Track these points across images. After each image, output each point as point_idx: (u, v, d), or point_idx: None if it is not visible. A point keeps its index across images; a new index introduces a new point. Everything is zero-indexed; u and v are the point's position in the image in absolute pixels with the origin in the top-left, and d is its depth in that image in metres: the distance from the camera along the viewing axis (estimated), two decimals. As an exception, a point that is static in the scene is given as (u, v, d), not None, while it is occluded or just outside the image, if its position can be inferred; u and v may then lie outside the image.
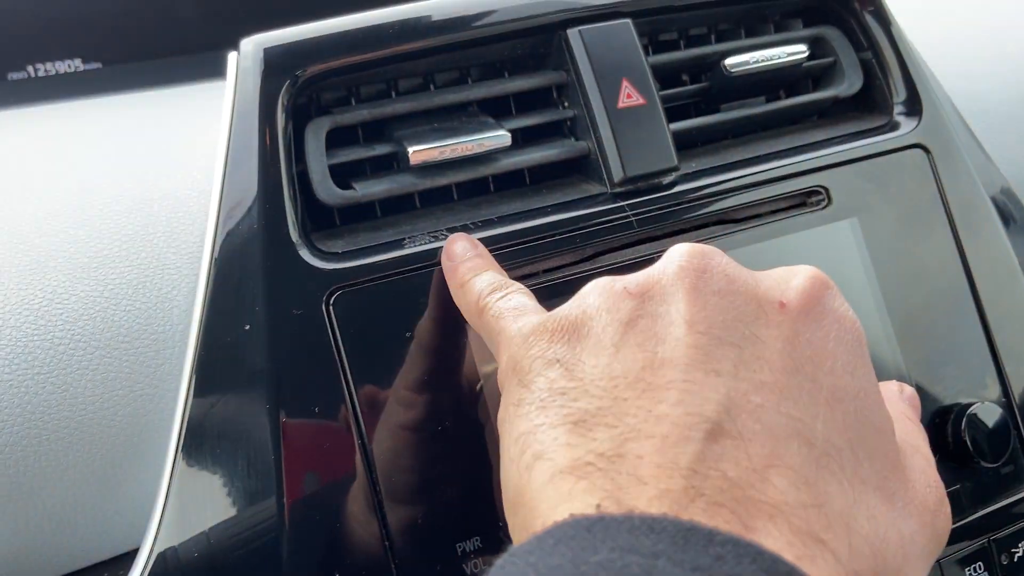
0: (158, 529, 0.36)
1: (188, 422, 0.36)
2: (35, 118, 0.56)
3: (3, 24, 0.67)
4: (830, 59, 0.49)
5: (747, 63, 0.46)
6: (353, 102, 0.43)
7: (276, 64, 0.39)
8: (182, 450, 0.36)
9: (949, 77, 0.53)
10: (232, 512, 0.36)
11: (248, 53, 0.39)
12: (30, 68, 0.68)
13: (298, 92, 0.40)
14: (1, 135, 0.52)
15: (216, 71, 0.62)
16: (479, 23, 0.43)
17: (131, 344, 0.38)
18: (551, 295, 0.41)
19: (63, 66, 0.68)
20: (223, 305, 0.37)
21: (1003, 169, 0.52)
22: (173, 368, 0.37)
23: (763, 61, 0.46)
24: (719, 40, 0.50)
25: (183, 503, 0.36)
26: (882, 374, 0.45)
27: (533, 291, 0.37)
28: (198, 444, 0.36)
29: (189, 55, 0.70)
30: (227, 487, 0.36)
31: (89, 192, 0.43)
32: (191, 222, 0.41)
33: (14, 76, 0.67)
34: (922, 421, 0.44)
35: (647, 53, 0.45)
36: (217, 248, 0.38)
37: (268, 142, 0.38)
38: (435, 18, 0.42)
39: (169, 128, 0.51)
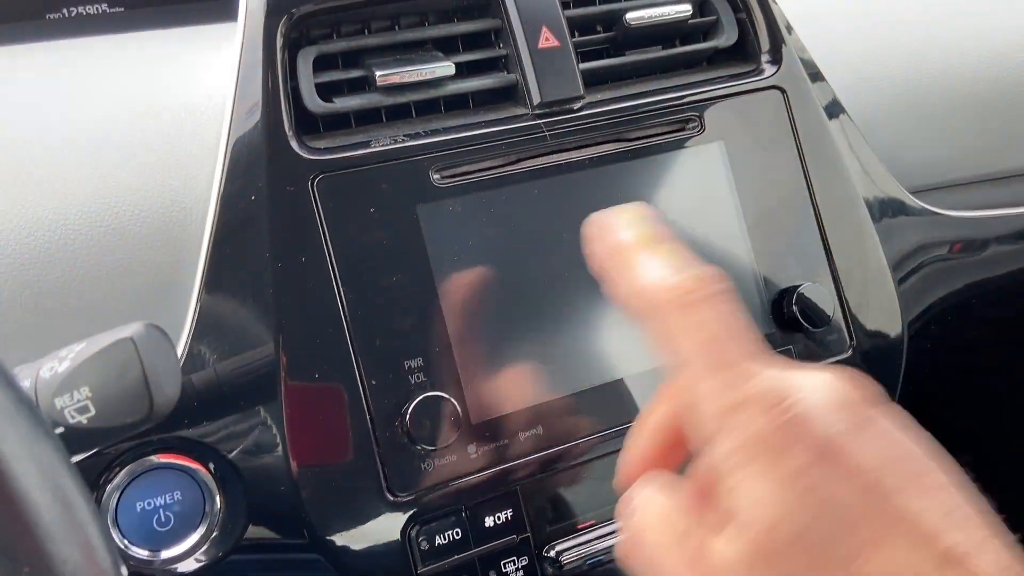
0: (186, 348, 0.50)
1: (208, 267, 0.50)
2: (73, 50, 0.69)
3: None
4: (712, 17, 0.63)
5: (643, 18, 0.59)
6: (335, 37, 0.56)
7: (276, 5, 0.52)
8: (205, 286, 0.49)
9: (815, 36, 0.67)
10: (240, 336, 0.50)
11: (255, -4, 0.52)
12: (64, 10, 0.80)
13: (292, 27, 0.53)
14: (46, 62, 0.65)
15: (224, 15, 0.75)
16: (432, -22, 0.56)
17: (167, 211, 0.51)
18: (480, 188, 0.54)
19: (92, 8, 0.80)
20: (235, 182, 0.50)
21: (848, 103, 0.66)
22: (198, 227, 0.51)
23: (656, 16, 0.60)
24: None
25: (204, 327, 0.49)
26: (736, 265, 0.59)
27: (460, 187, 0.50)
28: (216, 281, 0.50)
29: (199, 1, 0.82)
30: (236, 317, 0.50)
31: (128, 102, 0.56)
32: (209, 123, 0.54)
33: (51, 16, 0.79)
34: (767, 299, 0.59)
35: (566, 8, 0.58)
36: (231, 142, 0.51)
37: (270, 64, 0.51)
38: (399, -26, 0.55)
39: (188, 57, 0.63)
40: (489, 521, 0.52)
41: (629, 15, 0.59)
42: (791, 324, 0.59)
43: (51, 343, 0.45)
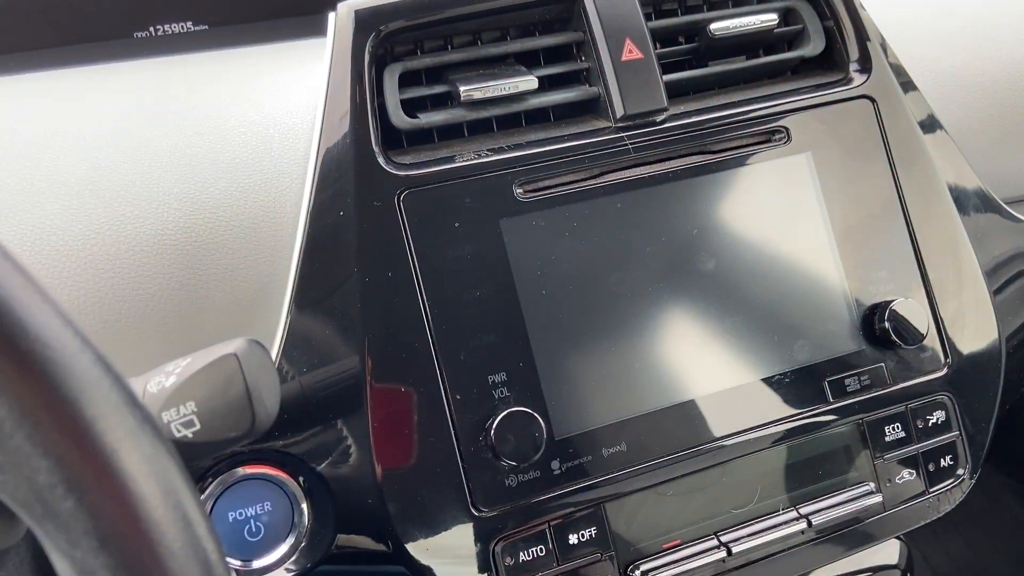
0: (277, 360, 0.50)
1: (298, 281, 0.50)
2: (161, 68, 0.71)
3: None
4: (799, 26, 0.61)
5: (728, 28, 0.58)
6: (418, 53, 0.56)
7: (364, 22, 0.53)
8: (295, 299, 0.50)
9: (905, 43, 0.65)
10: (328, 349, 0.50)
11: (343, 13, 0.53)
12: (151, 29, 0.82)
13: (379, 44, 0.53)
14: (136, 81, 0.67)
15: (301, 32, 0.76)
16: (516, -7, 0.56)
17: (258, 225, 0.52)
18: (563, 202, 0.54)
19: (177, 27, 0.83)
20: (324, 197, 0.51)
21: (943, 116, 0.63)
22: (287, 241, 0.51)
23: (741, 27, 0.59)
24: (709, 10, 0.62)
25: (294, 340, 0.50)
26: (824, 279, 0.57)
27: (543, 201, 0.50)
28: (305, 294, 0.50)
29: (280, 19, 0.84)
30: (325, 330, 0.51)
31: (217, 119, 0.57)
32: (296, 139, 0.55)
33: (139, 35, 0.82)
34: (857, 315, 0.57)
35: (648, 19, 0.58)
36: (320, 157, 0.52)
37: (358, 80, 0.52)
38: (482, -11, 0.55)
39: (273, 74, 0.64)
40: (574, 538, 0.51)
41: (713, 26, 0.58)
42: (883, 341, 0.57)
43: (149, 354, 0.47)
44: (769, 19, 0.59)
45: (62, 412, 0.23)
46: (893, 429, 0.58)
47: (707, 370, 0.55)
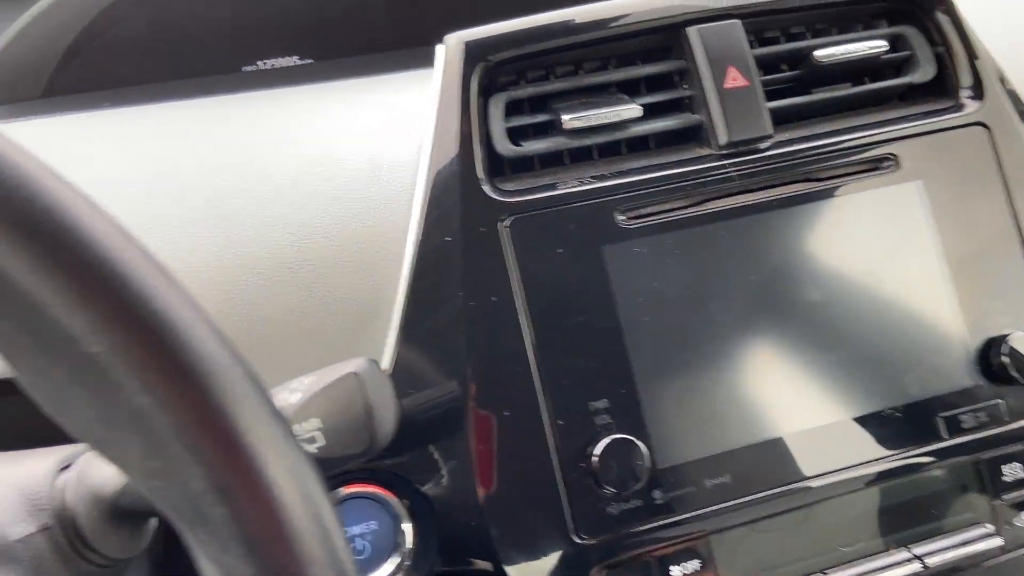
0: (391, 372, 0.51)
1: (407, 304, 0.52)
2: (272, 100, 0.74)
3: (239, 28, 0.86)
4: (907, 52, 0.60)
5: (834, 55, 0.58)
6: (521, 82, 0.57)
7: (473, 53, 0.54)
8: (403, 322, 0.51)
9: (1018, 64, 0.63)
10: (434, 371, 0.51)
11: (453, 45, 0.54)
12: (259, 63, 0.86)
13: (485, 74, 0.55)
14: (248, 112, 0.70)
15: (401, 65, 0.78)
16: (618, 24, 0.56)
17: (367, 250, 0.54)
18: (665, 229, 0.54)
19: (284, 61, 0.86)
20: (431, 224, 0.52)
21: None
22: (396, 267, 0.53)
23: (848, 53, 0.58)
24: (813, 37, 0.61)
25: (402, 362, 0.51)
26: (937, 311, 0.55)
27: (645, 228, 0.50)
28: (413, 317, 0.51)
29: (381, 52, 0.87)
30: (431, 352, 0.51)
31: (330, 148, 0.59)
32: (404, 168, 0.57)
33: (247, 69, 0.86)
34: (972, 349, 0.55)
35: (752, 46, 0.57)
36: (428, 185, 0.53)
37: (465, 109, 0.53)
38: (586, 20, 0.56)
39: (376, 105, 0.67)
40: (676, 571, 0.50)
41: (818, 52, 0.58)
42: (1000, 376, 0.55)
43: (264, 372, 0.48)
44: (877, 46, 0.58)
45: (217, 423, 0.24)
46: (1012, 468, 0.55)
47: (814, 402, 0.53)
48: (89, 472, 0.38)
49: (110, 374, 0.23)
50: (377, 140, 0.59)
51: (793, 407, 0.53)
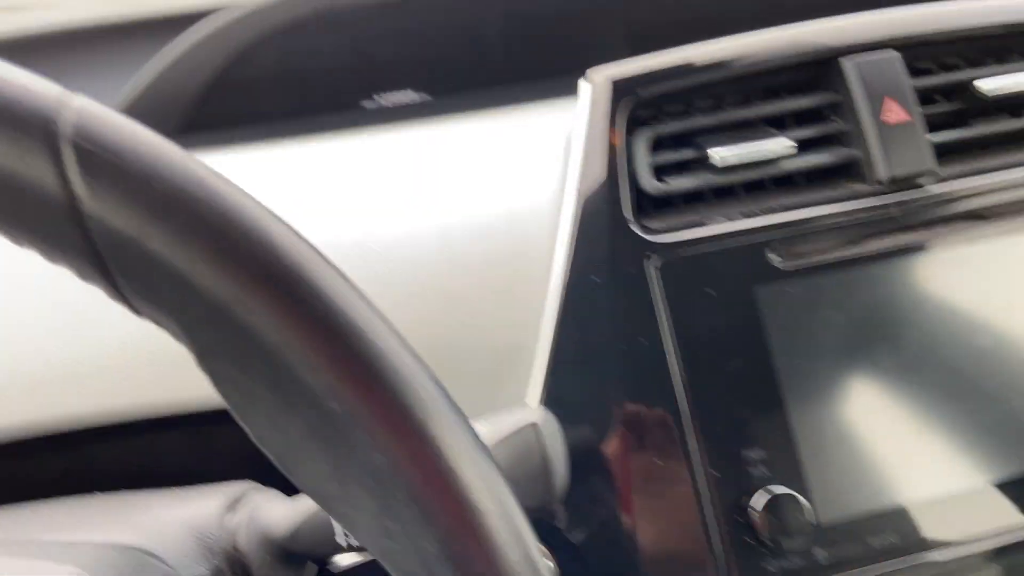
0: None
1: (555, 347, 0.50)
2: (405, 136, 0.74)
3: (359, 63, 0.87)
4: (1078, 83, 0.56)
5: (1002, 87, 0.54)
6: (664, 117, 0.56)
7: (620, 89, 0.53)
8: (550, 365, 0.50)
9: None
10: (583, 416, 0.49)
11: (599, 81, 0.53)
12: (377, 97, 0.87)
13: (630, 110, 0.53)
14: (379, 154, 0.70)
15: (522, 97, 0.78)
16: (769, 56, 0.54)
17: (511, 290, 0.53)
18: (822, 270, 0.51)
19: (401, 96, 0.87)
20: (578, 264, 0.51)
21: None
22: (541, 305, 0.51)
23: (1012, 85, 0.55)
24: (970, 67, 0.58)
25: (550, 406, 0.50)
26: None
27: (801, 269, 0.48)
28: (561, 361, 0.50)
29: (497, 87, 0.87)
30: (579, 396, 0.50)
31: (469, 185, 0.59)
32: (544, 205, 0.56)
33: (367, 105, 0.87)
34: None
35: (909, 77, 0.55)
36: (574, 225, 0.52)
37: (611, 147, 0.52)
38: (737, 54, 0.54)
39: (510, 140, 0.66)
40: (842, 633, 0.47)
41: (982, 84, 0.55)
42: None
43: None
44: (1045, 76, 0.55)
45: (452, 486, 0.23)
46: None
47: (989, 455, 0.50)
48: (260, 514, 0.37)
49: (348, 432, 0.22)
50: (518, 177, 0.58)
51: (964, 460, 0.50)
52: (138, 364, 0.50)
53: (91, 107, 0.24)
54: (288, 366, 0.23)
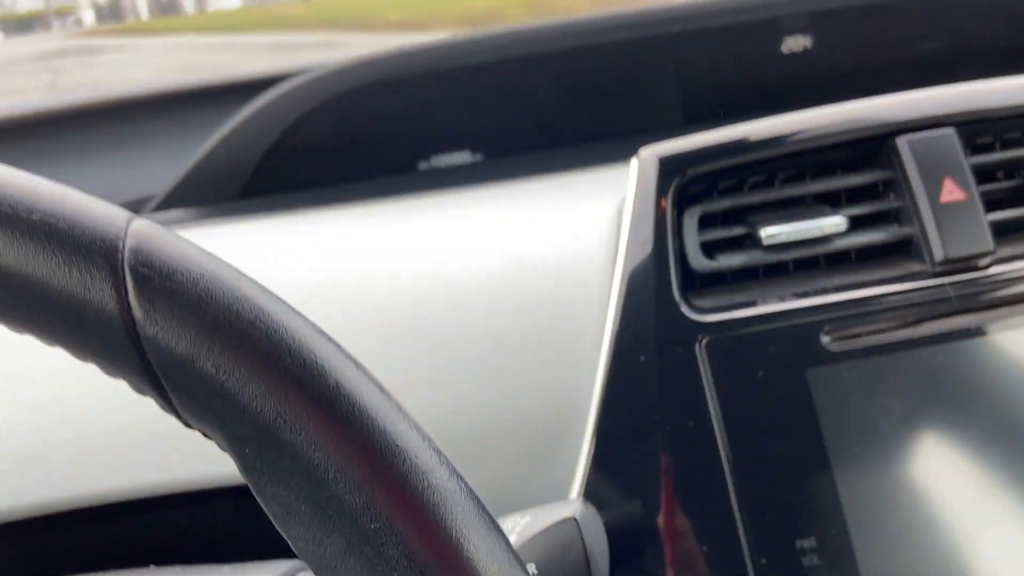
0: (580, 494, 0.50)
1: (599, 423, 0.50)
2: (452, 203, 0.75)
3: (416, 127, 0.89)
4: None
5: (1062, 164, 0.53)
6: (714, 193, 0.56)
7: (669, 167, 0.53)
8: (595, 443, 0.50)
9: None
10: (628, 495, 0.49)
11: (647, 158, 0.54)
12: (434, 159, 0.89)
13: (680, 187, 0.54)
14: (432, 218, 0.71)
15: (579, 163, 0.79)
16: (823, 135, 0.54)
17: (558, 363, 0.53)
18: (876, 352, 0.50)
19: (457, 158, 0.89)
20: (624, 341, 0.51)
21: None
22: (586, 383, 0.52)
23: (1078, 162, 0.53)
24: (1031, 142, 0.57)
25: (594, 482, 0.50)
26: None
27: (854, 352, 0.47)
28: (606, 438, 0.50)
29: (549, 150, 0.88)
30: (624, 476, 0.50)
31: (516, 255, 0.59)
32: (591, 277, 0.56)
33: (422, 166, 0.89)
34: None
35: (966, 155, 0.54)
36: (620, 301, 0.52)
37: (660, 223, 0.52)
38: (788, 132, 0.54)
39: (558, 208, 0.67)
40: None
41: (1044, 161, 0.53)
42: None
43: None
44: (1113, 153, 0.53)
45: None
46: None
47: (1054, 553, 0.47)
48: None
49: (386, 549, 0.23)
50: (564, 249, 0.59)
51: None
52: (194, 435, 0.52)
53: (149, 232, 0.25)
54: (328, 484, 0.23)
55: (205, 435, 0.25)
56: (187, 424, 0.25)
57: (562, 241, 0.60)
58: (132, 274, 0.24)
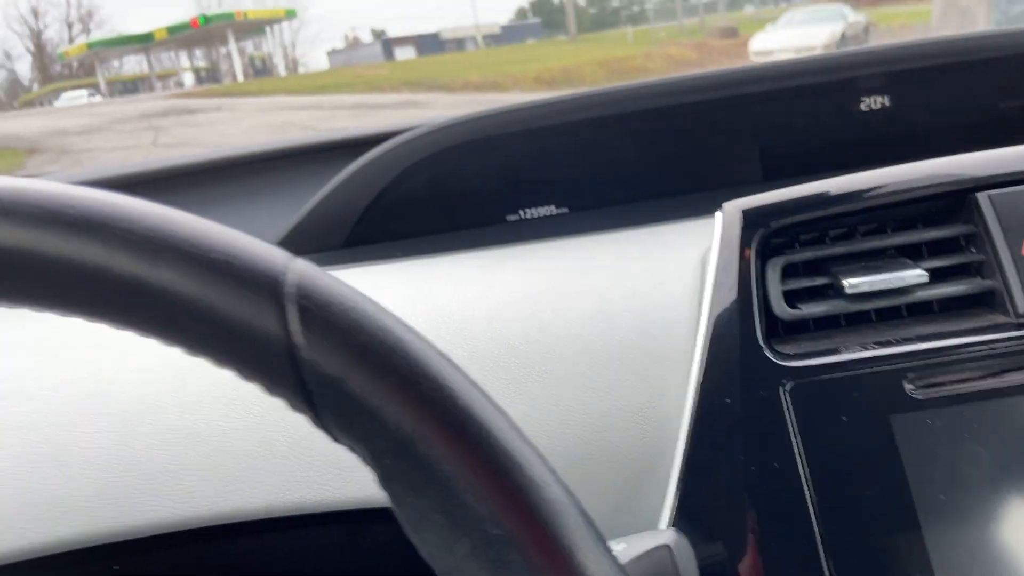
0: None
1: (686, 465, 0.52)
2: (541, 252, 0.79)
3: (505, 182, 0.94)
4: None
5: None
6: (796, 246, 0.58)
7: (752, 220, 0.56)
8: (681, 487, 0.52)
9: None
10: (715, 537, 0.51)
11: (730, 211, 0.57)
12: (521, 212, 0.93)
13: (763, 239, 0.56)
14: (523, 266, 0.75)
15: (657, 215, 0.82)
16: (903, 191, 0.56)
17: (645, 407, 0.55)
18: (960, 401, 0.51)
19: (542, 210, 0.93)
20: (711, 387, 0.53)
21: None
22: (673, 423, 0.54)
23: None
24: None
25: (681, 524, 0.52)
26: None
27: (938, 400, 0.48)
28: (692, 481, 0.52)
29: (629, 204, 0.91)
30: (710, 518, 0.51)
31: (605, 303, 0.63)
32: (676, 325, 0.59)
33: (510, 218, 0.93)
34: None
35: (1048, 210, 0.55)
36: (706, 348, 0.55)
37: (745, 273, 0.55)
38: (868, 187, 0.56)
39: (642, 259, 0.70)
40: None
41: None
42: None
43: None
44: None
45: None
46: None
47: None
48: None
49: (507, 554, 0.26)
50: (650, 297, 0.62)
51: (1123, 610, 0.47)
52: (301, 463, 0.56)
53: (306, 269, 0.29)
54: (457, 494, 0.27)
55: (350, 449, 0.29)
56: (335, 439, 0.29)
57: (648, 287, 0.63)
58: (296, 306, 0.28)
